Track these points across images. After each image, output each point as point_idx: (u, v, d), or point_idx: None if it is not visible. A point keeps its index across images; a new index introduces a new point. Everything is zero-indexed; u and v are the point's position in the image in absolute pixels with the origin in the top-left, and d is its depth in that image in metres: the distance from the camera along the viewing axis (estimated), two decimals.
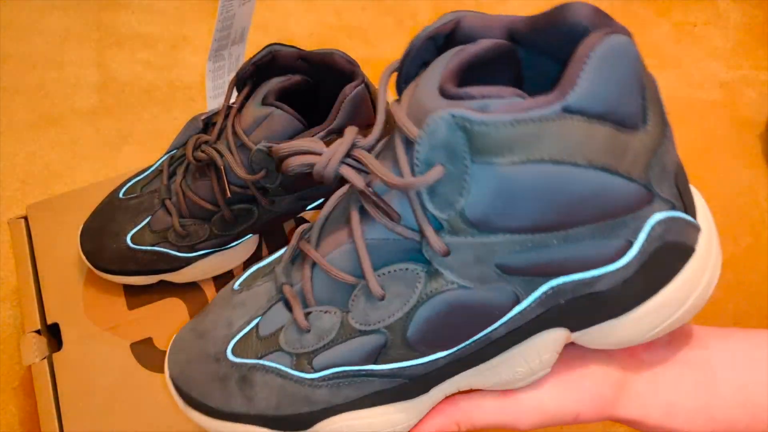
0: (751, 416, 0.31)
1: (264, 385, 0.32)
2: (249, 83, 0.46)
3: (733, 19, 0.87)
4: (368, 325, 0.30)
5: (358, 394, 0.31)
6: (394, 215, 0.28)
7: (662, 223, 0.28)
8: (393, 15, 0.85)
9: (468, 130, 0.24)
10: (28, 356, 0.48)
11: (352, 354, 0.30)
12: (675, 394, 0.32)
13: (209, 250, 0.49)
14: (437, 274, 0.28)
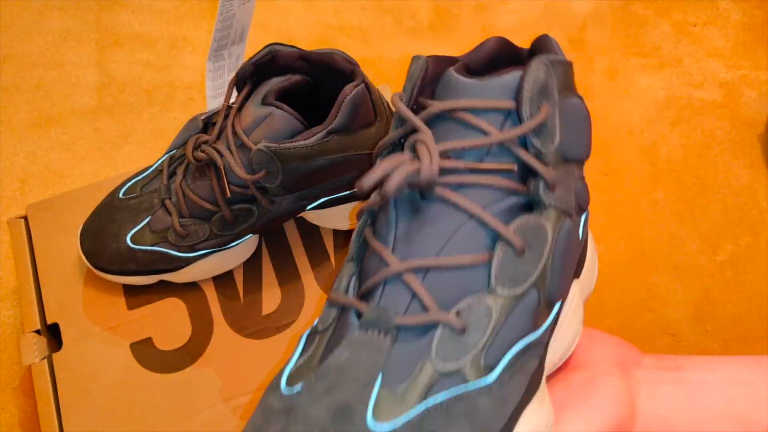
0: (742, 428, 0.33)
1: (451, 425, 0.27)
2: (249, 83, 0.46)
3: (733, 19, 0.87)
4: (522, 286, 0.29)
5: (527, 381, 0.30)
6: (513, 167, 0.30)
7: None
8: (393, 15, 0.85)
9: (556, 68, 0.30)
10: (28, 356, 0.48)
11: (517, 326, 0.29)
12: (670, 409, 0.33)
13: (209, 250, 0.49)
14: (552, 211, 0.30)
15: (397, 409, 0.26)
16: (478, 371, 0.28)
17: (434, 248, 0.29)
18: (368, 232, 0.32)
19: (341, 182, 0.48)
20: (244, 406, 0.47)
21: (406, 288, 0.29)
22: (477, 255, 0.29)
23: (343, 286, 0.31)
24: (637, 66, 0.82)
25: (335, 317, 0.30)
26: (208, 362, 0.49)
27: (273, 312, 0.51)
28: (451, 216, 0.29)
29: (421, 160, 0.29)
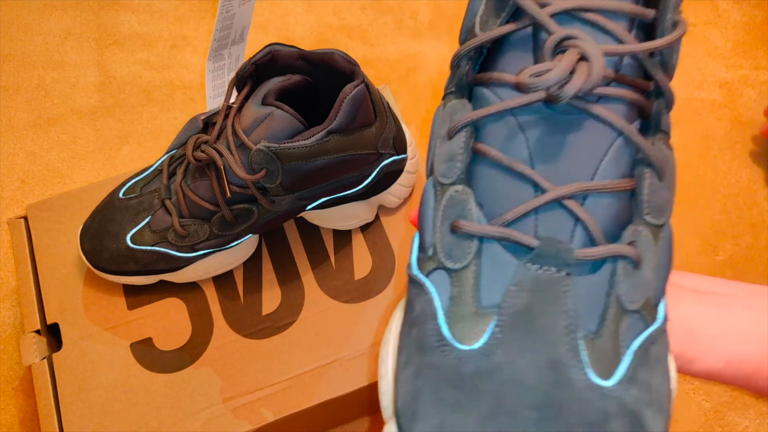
0: (764, 352, 0.31)
1: (654, 373, 0.25)
2: (249, 83, 0.46)
3: (733, 19, 0.87)
4: (665, 215, 0.27)
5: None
6: (649, 85, 0.27)
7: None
8: (393, 15, 0.85)
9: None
10: (28, 356, 0.48)
11: (669, 261, 0.27)
12: (697, 322, 0.32)
13: (209, 250, 0.49)
14: (664, 137, 0.28)
15: (609, 359, 0.24)
16: (650, 311, 0.25)
17: (590, 168, 0.26)
18: (482, 146, 0.27)
19: (341, 182, 0.48)
20: (244, 406, 0.47)
21: (569, 215, 0.25)
22: (629, 179, 0.26)
23: (474, 214, 0.26)
24: None
25: (475, 252, 0.25)
26: (208, 362, 0.49)
27: (273, 312, 0.51)
28: (598, 132, 0.26)
29: (592, 61, 0.24)
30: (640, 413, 0.23)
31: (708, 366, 0.31)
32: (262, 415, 0.47)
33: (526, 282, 0.24)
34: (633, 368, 0.24)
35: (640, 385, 0.23)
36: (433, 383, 0.23)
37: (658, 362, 0.25)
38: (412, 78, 0.79)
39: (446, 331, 0.24)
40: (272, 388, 0.48)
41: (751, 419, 0.61)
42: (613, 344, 0.24)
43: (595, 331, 0.24)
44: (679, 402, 0.62)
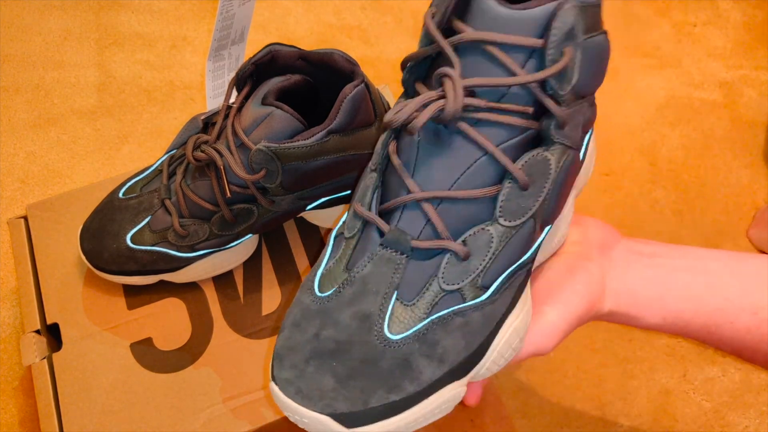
0: (695, 308, 0.39)
1: (448, 335, 0.33)
2: (249, 83, 0.46)
3: (733, 19, 0.87)
4: (521, 218, 0.32)
5: (513, 294, 0.35)
6: (528, 110, 0.32)
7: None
8: (393, 15, 0.85)
9: (586, 12, 0.31)
10: (28, 356, 0.48)
11: (511, 253, 0.33)
12: (637, 284, 0.39)
13: (209, 250, 0.49)
14: (559, 147, 0.32)
15: (407, 321, 0.32)
16: (475, 291, 0.33)
17: (450, 179, 0.32)
18: (392, 148, 0.34)
19: (341, 182, 0.48)
20: (244, 406, 0.47)
21: (422, 214, 0.33)
22: (486, 189, 0.32)
23: (368, 199, 0.34)
24: (637, 66, 0.82)
25: (359, 228, 0.34)
26: (208, 362, 0.49)
27: (273, 312, 0.51)
28: (467, 150, 0.32)
29: (447, 97, 0.30)
30: (412, 360, 0.31)
31: (647, 322, 0.40)
32: (262, 415, 0.47)
33: (376, 257, 0.33)
34: (425, 330, 0.32)
35: (423, 342, 0.32)
36: (295, 310, 0.34)
37: (458, 329, 0.32)
38: None
39: (316, 280, 0.34)
40: None
41: (751, 419, 0.61)
42: (421, 313, 0.32)
43: (410, 300, 0.32)
44: (679, 402, 0.62)
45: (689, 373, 0.63)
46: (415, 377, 0.31)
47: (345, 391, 0.31)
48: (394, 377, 0.31)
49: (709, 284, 0.39)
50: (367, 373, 0.31)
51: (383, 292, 0.32)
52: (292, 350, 0.32)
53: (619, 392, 0.62)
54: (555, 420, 0.60)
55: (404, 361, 0.31)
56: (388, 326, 0.32)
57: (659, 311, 0.39)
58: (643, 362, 0.63)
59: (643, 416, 0.61)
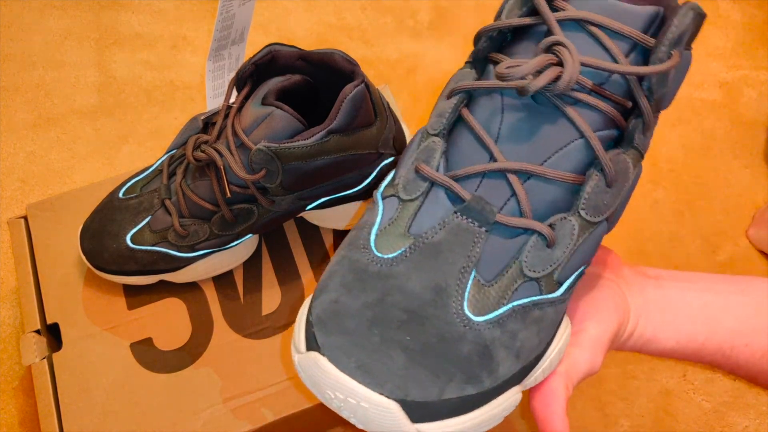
0: (709, 331, 0.37)
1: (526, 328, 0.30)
2: (249, 83, 0.46)
3: (733, 19, 0.87)
4: (602, 215, 0.30)
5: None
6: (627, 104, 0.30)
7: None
8: (393, 15, 0.85)
9: (697, 20, 0.29)
10: (28, 356, 0.48)
11: (585, 253, 0.31)
12: (651, 306, 0.38)
13: (209, 250, 0.49)
14: (634, 153, 0.31)
15: (488, 304, 0.28)
16: (551, 285, 0.30)
17: (541, 155, 0.30)
18: (466, 111, 0.32)
19: (341, 182, 0.48)
20: (244, 406, 0.47)
21: (508, 187, 0.30)
22: (577, 175, 0.30)
23: (435, 162, 0.31)
24: None
25: (424, 191, 0.31)
26: (208, 362, 0.49)
27: (273, 312, 0.51)
28: (562, 129, 0.30)
29: (565, 66, 0.28)
30: (493, 349, 0.28)
31: (662, 346, 0.38)
32: (262, 415, 0.47)
33: (450, 225, 0.29)
34: (506, 317, 0.29)
35: (504, 331, 0.28)
36: (344, 270, 0.30)
37: (535, 323, 0.29)
38: (412, 78, 0.79)
39: (372, 239, 0.30)
40: (272, 388, 0.48)
41: (751, 419, 0.61)
42: (500, 296, 0.29)
43: (489, 280, 0.29)
44: (679, 402, 0.62)
45: (689, 374, 0.63)
46: (493, 370, 0.28)
47: (418, 372, 0.26)
48: (472, 365, 0.27)
49: (721, 305, 0.38)
50: (444, 354, 0.27)
51: (461, 264, 0.28)
52: (342, 316, 0.27)
53: (620, 392, 0.62)
54: None
55: (485, 348, 0.27)
56: (468, 305, 0.28)
57: (673, 334, 0.37)
58: (644, 362, 0.63)
59: (643, 416, 0.61)
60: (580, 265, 0.31)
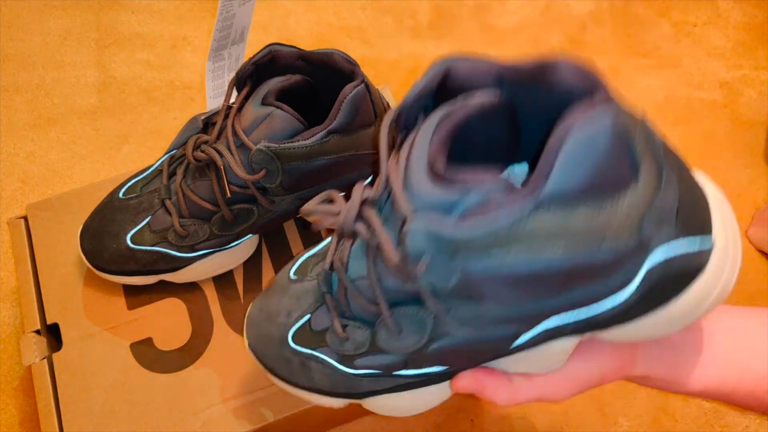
0: (739, 376, 0.36)
1: (319, 371, 0.37)
2: (249, 83, 0.46)
3: (733, 19, 0.87)
4: (390, 351, 0.33)
5: (393, 384, 0.36)
6: (403, 276, 0.29)
7: (659, 267, 0.28)
8: (393, 15, 0.85)
9: (440, 239, 0.25)
10: (28, 356, 0.48)
11: (382, 363, 0.34)
12: (677, 354, 0.36)
13: (209, 250, 0.49)
14: (441, 321, 0.30)
15: (307, 340, 0.37)
16: (349, 363, 0.36)
17: (354, 272, 0.33)
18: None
19: (341, 182, 0.48)
20: (244, 406, 0.47)
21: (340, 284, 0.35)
22: (370, 305, 0.33)
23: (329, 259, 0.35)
24: (637, 66, 0.82)
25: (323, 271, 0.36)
26: (208, 362, 0.49)
27: None
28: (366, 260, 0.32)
29: (340, 214, 0.30)
30: (304, 363, 0.37)
31: (689, 390, 0.36)
32: (262, 415, 0.47)
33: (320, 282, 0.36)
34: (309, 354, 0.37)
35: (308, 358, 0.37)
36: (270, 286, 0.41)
37: (317, 372, 0.38)
38: (412, 78, 0.79)
39: (295, 265, 0.39)
40: (272, 388, 0.48)
41: (751, 419, 0.61)
42: (315, 342, 0.37)
43: (315, 329, 0.37)
44: (679, 402, 0.62)
45: None
46: (290, 373, 0.39)
47: (260, 343, 0.40)
48: (280, 360, 0.39)
49: (752, 348, 0.36)
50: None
51: (304, 309, 0.38)
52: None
53: (619, 392, 0.62)
54: (555, 420, 0.60)
55: (287, 359, 0.38)
56: (293, 335, 0.38)
57: (700, 379, 0.36)
58: None
59: (643, 416, 0.61)
60: (374, 368, 0.35)
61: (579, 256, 0.25)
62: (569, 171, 0.24)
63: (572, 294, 0.28)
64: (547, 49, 0.82)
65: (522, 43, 0.82)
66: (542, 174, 0.24)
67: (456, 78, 0.28)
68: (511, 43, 0.82)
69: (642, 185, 0.25)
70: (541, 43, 0.82)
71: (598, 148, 0.24)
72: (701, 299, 0.30)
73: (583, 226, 0.25)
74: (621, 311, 0.29)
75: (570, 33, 0.84)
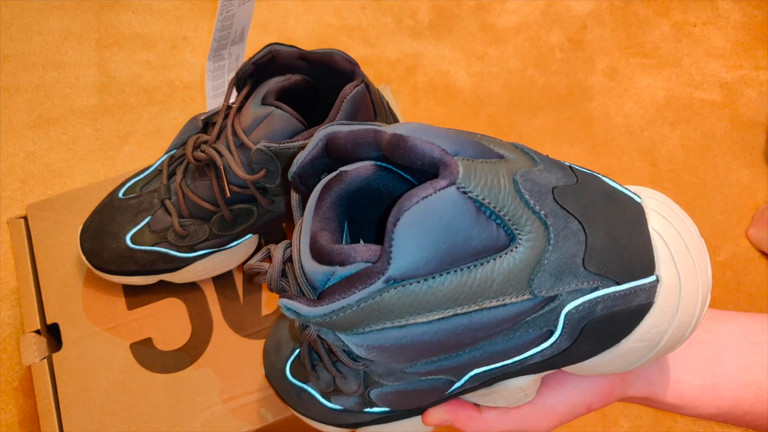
0: (754, 396, 0.33)
1: (311, 402, 0.40)
2: (249, 83, 0.46)
3: (733, 19, 0.87)
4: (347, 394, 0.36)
5: (371, 419, 0.37)
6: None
7: (579, 309, 0.27)
8: (393, 15, 0.85)
9: (318, 323, 0.26)
10: (28, 356, 0.48)
11: (347, 402, 0.37)
12: (682, 371, 0.34)
13: (209, 250, 0.49)
14: (368, 373, 0.34)
15: (301, 373, 0.40)
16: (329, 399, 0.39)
17: None
18: None
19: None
20: (244, 406, 0.47)
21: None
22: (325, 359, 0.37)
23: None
24: (637, 66, 0.82)
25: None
26: (208, 362, 0.49)
27: (273, 312, 0.51)
28: None
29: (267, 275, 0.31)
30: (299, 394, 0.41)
31: (700, 413, 0.34)
32: (262, 415, 0.47)
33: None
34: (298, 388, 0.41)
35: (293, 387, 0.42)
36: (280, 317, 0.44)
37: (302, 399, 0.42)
38: (412, 78, 0.79)
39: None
40: (272, 389, 0.48)
41: None
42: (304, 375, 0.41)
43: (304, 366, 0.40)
44: None
45: None
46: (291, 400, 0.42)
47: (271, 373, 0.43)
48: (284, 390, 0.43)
49: (765, 365, 0.33)
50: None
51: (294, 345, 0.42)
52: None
53: None
54: None
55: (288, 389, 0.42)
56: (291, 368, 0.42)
57: (712, 400, 0.33)
58: None
59: (643, 417, 0.61)
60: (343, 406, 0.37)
61: (457, 318, 0.26)
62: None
63: (478, 351, 0.28)
64: (547, 48, 0.82)
65: (522, 43, 0.82)
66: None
67: (335, 149, 0.29)
68: (511, 43, 0.82)
69: (522, 243, 0.25)
70: (541, 42, 0.83)
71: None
72: (656, 335, 0.29)
73: (450, 292, 0.25)
74: (556, 354, 0.29)
75: (570, 33, 0.84)
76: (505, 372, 0.30)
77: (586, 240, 0.27)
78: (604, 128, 0.77)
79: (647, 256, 0.28)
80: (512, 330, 0.27)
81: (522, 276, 0.25)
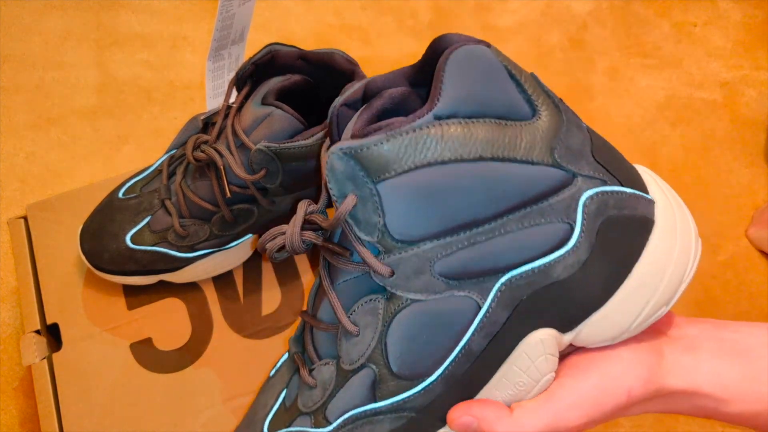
0: None
1: None
2: (249, 83, 0.46)
3: (733, 19, 0.87)
4: (354, 363, 0.32)
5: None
6: (345, 253, 0.31)
7: (595, 199, 0.30)
8: (393, 15, 0.85)
9: (356, 155, 0.28)
10: (28, 356, 0.48)
11: (352, 396, 0.32)
12: (718, 363, 0.32)
13: (209, 250, 0.49)
14: (392, 295, 0.30)
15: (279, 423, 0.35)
16: (321, 422, 0.33)
17: (317, 308, 0.34)
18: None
19: None
20: (244, 406, 0.47)
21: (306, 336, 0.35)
22: (330, 326, 0.33)
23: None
24: (637, 66, 0.82)
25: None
26: (208, 362, 0.49)
27: (273, 312, 0.51)
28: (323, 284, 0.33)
29: (286, 233, 0.31)
30: None
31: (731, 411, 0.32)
32: None
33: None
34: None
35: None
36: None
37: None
38: None
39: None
40: None
41: None
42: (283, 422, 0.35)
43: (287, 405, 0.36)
44: None
45: None
46: None
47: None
48: None
49: None
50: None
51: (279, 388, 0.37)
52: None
53: None
54: None
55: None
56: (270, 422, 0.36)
57: (756, 397, 0.31)
58: None
59: (643, 417, 0.61)
60: (346, 409, 0.32)
61: (488, 166, 0.28)
62: (455, 86, 0.28)
63: (509, 237, 0.29)
64: (547, 48, 0.82)
65: (522, 42, 0.82)
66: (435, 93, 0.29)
67: (372, 88, 0.32)
68: (511, 43, 0.82)
69: (543, 118, 0.29)
70: (541, 42, 0.82)
71: (474, 69, 0.28)
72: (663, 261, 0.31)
73: (485, 138, 0.28)
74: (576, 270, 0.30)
75: (570, 33, 0.84)
76: (533, 289, 0.30)
77: (591, 139, 0.31)
78: (605, 128, 0.77)
79: (638, 177, 0.33)
80: (538, 213, 0.29)
81: (545, 142, 0.29)
